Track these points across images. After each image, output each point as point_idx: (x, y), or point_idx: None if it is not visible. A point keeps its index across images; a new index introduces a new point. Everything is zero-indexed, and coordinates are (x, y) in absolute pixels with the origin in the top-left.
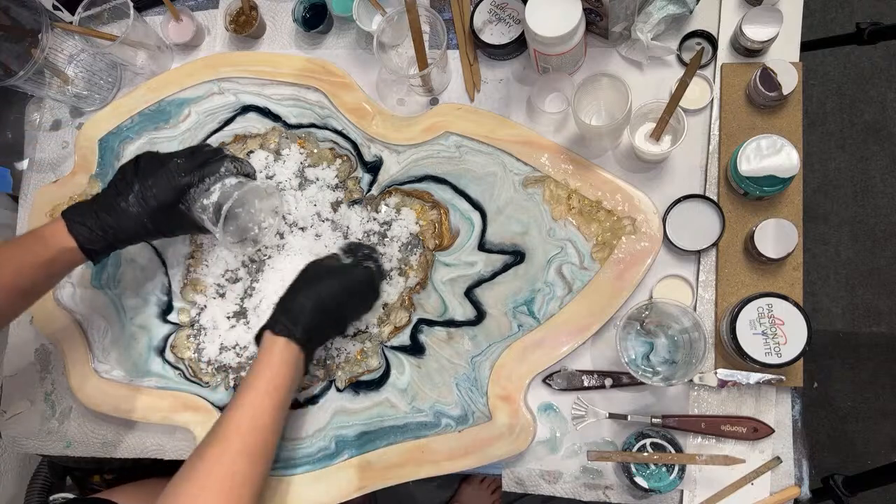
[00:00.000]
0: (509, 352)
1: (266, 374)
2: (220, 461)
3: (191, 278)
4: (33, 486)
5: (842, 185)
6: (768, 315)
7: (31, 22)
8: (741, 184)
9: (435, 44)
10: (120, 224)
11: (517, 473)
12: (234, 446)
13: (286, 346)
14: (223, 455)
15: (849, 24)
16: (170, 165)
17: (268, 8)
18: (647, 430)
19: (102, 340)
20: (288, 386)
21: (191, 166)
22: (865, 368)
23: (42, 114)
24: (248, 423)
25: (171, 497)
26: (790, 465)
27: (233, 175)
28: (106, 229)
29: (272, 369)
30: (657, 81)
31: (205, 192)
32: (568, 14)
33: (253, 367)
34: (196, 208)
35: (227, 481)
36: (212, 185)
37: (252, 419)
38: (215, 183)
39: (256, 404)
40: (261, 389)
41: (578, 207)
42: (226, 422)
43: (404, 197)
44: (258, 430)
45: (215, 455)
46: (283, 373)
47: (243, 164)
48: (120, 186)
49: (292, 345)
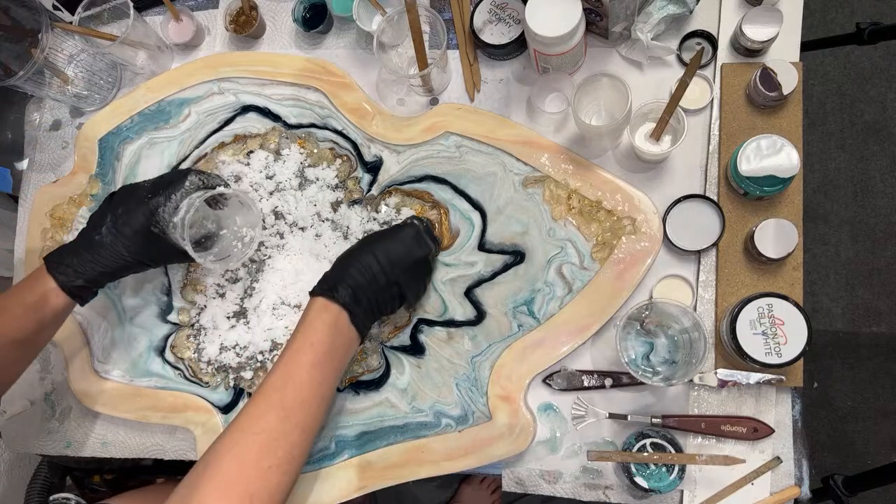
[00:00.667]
0: (509, 352)
1: (301, 332)
2: (251, 415)
3: (191, 278)
4: (33, 486)
5: (842, 185)
6: (768, 315)
7: (31, 22)
8: (741, 184)
9: (435, 44)
10: (97, 258)
11: (517, 473)
12: (267, 401)
13: (324, 306)
14: (254, 409)
15: (849, 24)
16: (137, 190)
17: (268, 8)
18: (647, 430)
19: (102, 340)
20: (327, 343)
21: (156, 187)
22: (865, 368)
23: (42, 114)
24: (280, 379)
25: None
26: (790, 465)
27: (199, 189)
28: (85, 266)
29: (308, 327)
30: (657, 81)
31: (174, 210)
32: (568, 14)
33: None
34: (170, 230)
35: (259, 435)
36: (179, 202)
37: (285, 375)
38: (182, 199)
39: (290, 361)
40: (294, 348)
41: (578, 207)
42: (263, 382)
43: (404, 197)
44: (293, 386)
45: (248, 411)
46: (320, 329)
47: (210, 177)
48: (95, 220)
49: (331, 304)
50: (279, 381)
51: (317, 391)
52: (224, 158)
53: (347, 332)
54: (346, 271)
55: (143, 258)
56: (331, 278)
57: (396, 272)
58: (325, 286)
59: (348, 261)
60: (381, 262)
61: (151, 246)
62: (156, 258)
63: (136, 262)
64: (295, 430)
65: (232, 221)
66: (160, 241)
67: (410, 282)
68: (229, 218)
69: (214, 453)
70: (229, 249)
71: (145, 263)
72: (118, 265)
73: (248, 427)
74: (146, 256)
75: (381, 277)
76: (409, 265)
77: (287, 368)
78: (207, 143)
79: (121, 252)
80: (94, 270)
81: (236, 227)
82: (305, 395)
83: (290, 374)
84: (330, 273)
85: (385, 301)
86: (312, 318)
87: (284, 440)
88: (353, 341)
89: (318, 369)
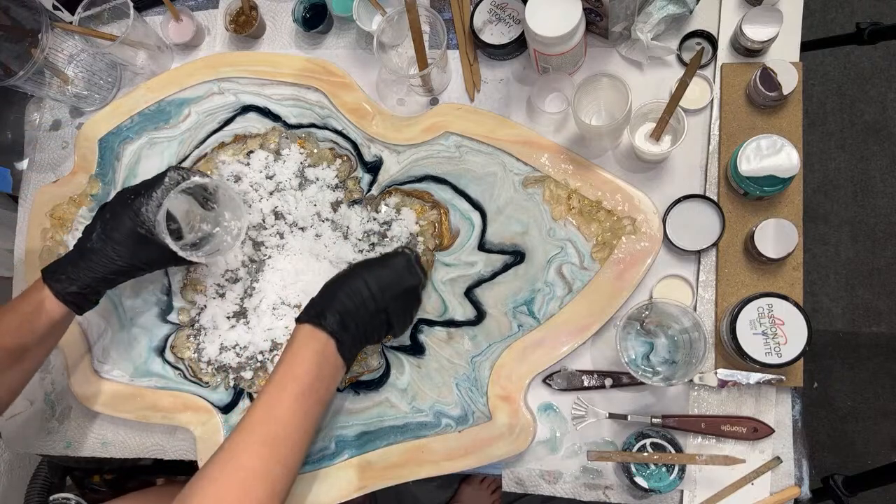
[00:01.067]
0: (509, 352)
1: (286, 362)
2: (232, 452)
3: (191, 278)
4: (33, 486)
5: (842, 185)
6: (768, 315)
7: (31, 22)
8: (741, 184)
9: (435, 44)
10: (90, 265)
11: (517, 473)
12: (248, 438)
13: (311, 334)
14: (235, 447)
15: (849, 24)
16: (123, 194)
17: (268, 8)
18: (647, 430)
19: (102, 340)
20: (313, 374)
21: (138, 188)
22: (865, 368)
23: (42, 114)
24: (263, 412)
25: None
26: (790, 465)
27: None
28: (79, 273)
29: (293, 357)
30: (657, 81)
31: (156, 208)
32: (568, 14)
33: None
34: (156, 230)
35: (239, 473)
36: (161, 200)
37: (269, 408)
38: (163, 196)
39: (274, 392)
40: (276, 379)
41: (578, 207)
42: (246, 415)
43: (404, 197)
44: (275, 420)
45: (229, 447)
46: (307, 359)
47: (189, 172)
48: (88, 229)
49: (318, 332)
50: (262, 414)
51: (300, 424)
52: (224, 158)
53: (334, 361)
54: (335, 297)
55: (135, 261)
56: (318, 304)
57: (386, 299)
58: (312, 312)
59: (337, 286)
60: (372, 289)
61: (141, 248)
62: (147, 261)
63: (129, 266)
64: (277, 467)
65: (223, 218)
66: (149, 242)
67: (399, 311)
68: (221, 215)
69: (194, 493)
70: (220, 245)
71: (139, 268)
72: (110, 270)
73: (229, 463)
74: (137, 259)
75: (370, 304)
76: (400, 293)
77: (271, 400)
78: (207, 143)
79: (111, 257)
80: (87, 277)
81: (226, 223)
82: (289, 430)
83: (273, 406)
84: (317, 299)
85: (373, 329)
86: (298, 348)
87: (266, 478)
88: (339, 370)
89: (302, 401)
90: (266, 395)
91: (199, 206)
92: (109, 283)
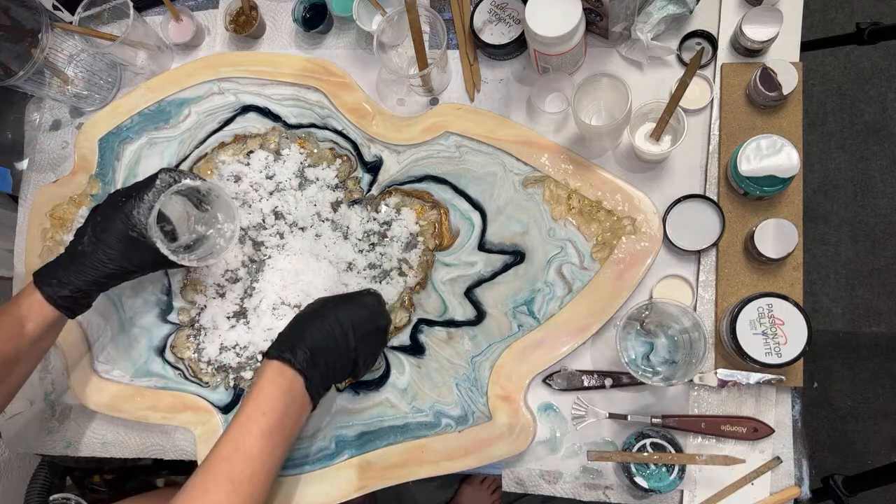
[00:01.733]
0: (509, 352)
1: (252, 399)
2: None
3: (191, 278)
4: (33, 486)
5: (842, 185)
6: (768, 315)
7: (31, 22)
8: (741, 184)
9: (435, 44)
10: (81, 268)
11: (517, 473)
12: (216, 475)
13: (279, 371)
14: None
15: (849, 24)
16: (114, 196)
17: (268, 8)
18: (647, 430)
19: (102, 340)
20: (280, 411)
21: (130, 190)
22: (865, 368)
23: (42, 114)
24: (229, 449)
25: None
26: (790, 465)
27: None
28: (69, 276)
29: (261, 393)
30: (657, 81)
31: (147, 211)
32: (568, 14)
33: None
34: (148, 233)
35: None
36: (152, 202)
37: (235, 445)
38: (155, 199)
39: (240, 429)
40: (244, 416)
41: (578, 207)
42: (212, 451)
43: (404, 197)
44: (241, 458)
45: (196, 483)
46: (274, 396)
47: (181, 174)
48: (79, 231)
49: (286, 369)
50: (228, 451)
51: (266, 462)
52: (224, 158)
53: (301, 399)
54: (306, 331)
55: (126, 264)
56: (288, 339)
57: (358, 338)
58: (281, 348)
59: (307, 321)
60: (344, 326)
61: (132, 251)
62: (139, 264)
63: (121, 270)
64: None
65: (216, 220)
66: (140, 245)
67: (367, 351)
68: (214, 217)
69: None
70: (212, 248)
71: (130, 270)
72: (102, 273)
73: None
74: (128, 262)
75: (341, 342)
76: (371, 332)
77: (237, 437)
78: (207, 143)
79: (102, 260)
80: (78, 280)
81: (220, 225)
82: (255, 468)
83: (239, 443)
84: (286, 333)
85: (341, 368)
86: (265, 384)
87: None
88: (306, 409)
89: (268, 439)
90: (233, 432)
91: (193, 207)
92: (101, 287)
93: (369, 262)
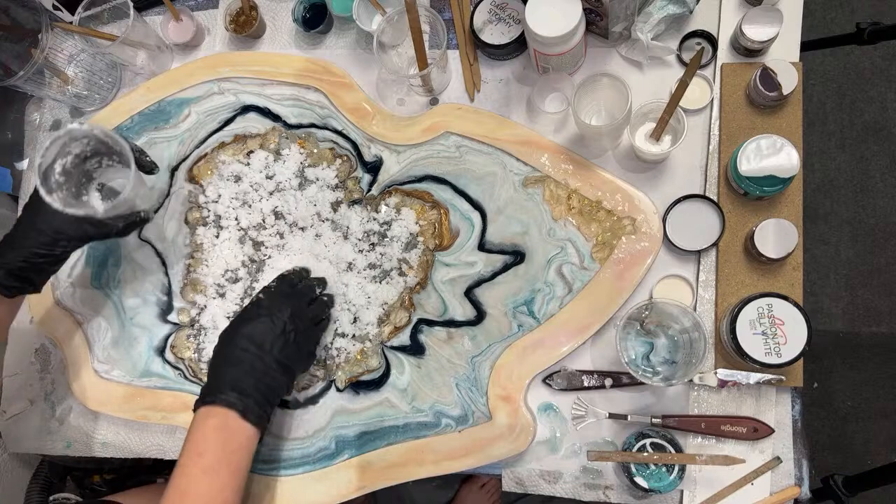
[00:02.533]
0: (509, 352)
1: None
2: None
3: (191, 278)
4: (33, 486)
5: (842, 185)
6: (768, 315)
7: (31, 22)
8: (741, 184)
9: (435, 44)
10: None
11: (517, 473)
12: None
13: (207, 413)
14: None
15: (849, 24)
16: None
17: (268, 8)
18: (647, 430)
19: (102, 340)
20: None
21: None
22: (865, 368)
23: (42, 114)
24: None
25: None
26: (790, 465)
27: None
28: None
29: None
30: (657, 81)
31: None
32: (568, 14)
33: None
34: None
35: None
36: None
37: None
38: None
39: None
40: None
41: (578, 207)
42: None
43: (404, 197)
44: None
45: None
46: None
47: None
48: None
49: (213, 409)
50: (175, 498)
51: (217, 497)
52: (224, 158)
53: (242, 430)
54: (220, 372)
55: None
56: (207, 387)
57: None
58: (204, 396)
59: (219, 362)
60: (251, 349)
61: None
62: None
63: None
64: None
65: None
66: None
67: (292, 353)
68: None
69: None
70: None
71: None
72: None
73: None
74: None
75: (257, 363)
76: (277, 336)
77: (179, 483)
78: (207, 143)
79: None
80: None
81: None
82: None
83: (184, 488)
84: (207, 383)
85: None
86: (194, 430)
87: None
88: (252, 436)
89: (213, 476)
90: (174, 480)
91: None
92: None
93: (369, 262)
